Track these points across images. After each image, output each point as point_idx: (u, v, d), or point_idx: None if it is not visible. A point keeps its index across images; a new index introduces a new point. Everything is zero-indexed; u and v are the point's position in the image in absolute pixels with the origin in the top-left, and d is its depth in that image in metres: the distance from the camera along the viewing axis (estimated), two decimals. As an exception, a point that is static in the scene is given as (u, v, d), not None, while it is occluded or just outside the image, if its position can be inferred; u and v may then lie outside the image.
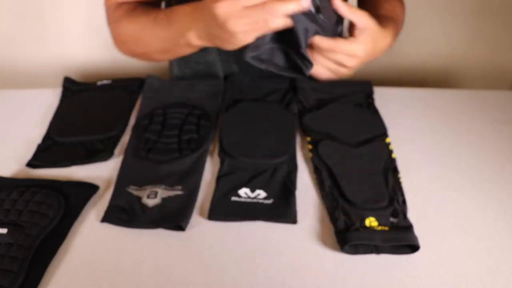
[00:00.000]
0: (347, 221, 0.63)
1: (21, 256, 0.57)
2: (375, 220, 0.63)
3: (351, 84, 0.96)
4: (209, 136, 0.80)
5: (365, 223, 0.62)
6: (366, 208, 0.65)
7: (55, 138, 0.80)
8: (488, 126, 0.85)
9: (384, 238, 0.60)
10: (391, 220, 0.63)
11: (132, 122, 0.86)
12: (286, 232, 0.64)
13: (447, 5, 1.34)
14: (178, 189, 0.69)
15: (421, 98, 0.94)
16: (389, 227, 0.62)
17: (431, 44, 1.42)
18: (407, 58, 1.45)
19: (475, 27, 1.38)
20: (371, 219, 0.63)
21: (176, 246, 0.62)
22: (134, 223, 0.64)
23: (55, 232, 0.62)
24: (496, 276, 0.59)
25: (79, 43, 1.43)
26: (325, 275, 0.59)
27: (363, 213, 0.64)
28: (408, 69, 1.47)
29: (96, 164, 0.76)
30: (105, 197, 0.70)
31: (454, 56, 1.44)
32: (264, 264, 0.60)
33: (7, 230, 0.60)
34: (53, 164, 0.75)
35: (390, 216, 0.64)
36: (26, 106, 0.92)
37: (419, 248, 0.60)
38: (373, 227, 0.62)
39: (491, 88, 1.01)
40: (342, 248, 0.60)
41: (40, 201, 0.65)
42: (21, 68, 1.48)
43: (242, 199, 0.67)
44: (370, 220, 0.63)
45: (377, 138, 0.79)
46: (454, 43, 1.41)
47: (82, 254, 0.61)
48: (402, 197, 0.68)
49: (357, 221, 0.63)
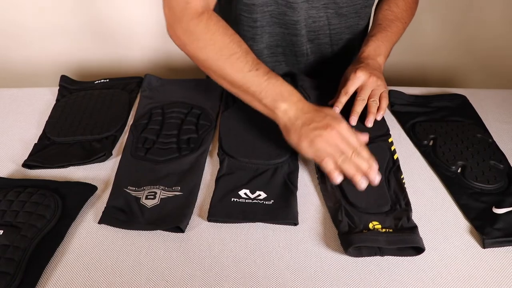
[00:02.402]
0: (350, 224, 0.62)
1: (17, 258, 0.56)
2: (379, 224, 0.62)
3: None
4: (208, 136, 0.79)
5: (369, 226, 0.62)
6: (369, 212, 0.64)
7: (52, 137, 0.79)
8: (489, 125, 0.85)
9: (388, 240, 0.59)
10: (395, 222, 0.63)
11: (130, 122, 0.85)
12: (287, 234, 0.64)
13: (448, 5, 1.33)
14: (177, 189, 0.68)
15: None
16: (393, 229, 0.62)
17: (432, 44, 1.41)
18: (409, 57, 1.44)
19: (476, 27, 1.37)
20: (374, 223, 0.62)
21: (175, 247, 0.61)
22: (133, 224, 0.64)
23: (52, 234, 0.61)
24: (500, 277, 0.58)
25: (76, 41, 1.42)
26: (326, 277, 0.58)
27: (366, 217, 0.63)
28: (409, 69, 1.47)
29: (94, 165, 0.75)
30: (103, 198, 0.69)
31: (456, 55, 1.44)
32: (264, 265, 0.59)
33: (3, 232, 0.59)
34: (50, 164, 0.74)
35: (393, 220, 0.63)
36: (22, 105, 0.91)
37: (424, 250, 0.60)
38: (377, 229, 0.61)
39: (492, 87, 1.01)
40: (346, 251, 0.59)
41: (37, 202, 0.64)
42: (18, 67, 1.47)
43: (242, 200, 0.67)
44: (373, 224, 0.62)
45: (379, 138, 0.79)
46: (456, 42, 1.41)
47: (80, 256, 0.60)
48: (405, 199, 0.67)
49: (360, 224, 0.62)
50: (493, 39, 1.39)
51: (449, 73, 1.48)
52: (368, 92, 0.81)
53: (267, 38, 0.92)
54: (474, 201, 0.68)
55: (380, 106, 0.81)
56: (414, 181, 0.72)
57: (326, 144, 0.67)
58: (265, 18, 0.88)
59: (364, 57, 0.84)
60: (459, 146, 0.78)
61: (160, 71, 1.47)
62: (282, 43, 0.93)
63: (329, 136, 0.67)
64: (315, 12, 0.88)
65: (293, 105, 0.70)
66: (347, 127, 0.68)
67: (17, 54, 1.44)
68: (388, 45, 0.87)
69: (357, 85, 0.81)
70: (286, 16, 0.87)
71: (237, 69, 0.72)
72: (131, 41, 1.44)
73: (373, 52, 0.85)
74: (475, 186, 0.70)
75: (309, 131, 0.68)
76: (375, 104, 0.81)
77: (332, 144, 0.67)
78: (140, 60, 1.48)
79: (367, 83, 0.80)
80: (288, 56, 0.96)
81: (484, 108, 0.91)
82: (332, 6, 0.88)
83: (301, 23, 0.88)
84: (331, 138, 0.67)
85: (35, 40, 1.41)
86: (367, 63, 0.83)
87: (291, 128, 0.70)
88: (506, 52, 1.41)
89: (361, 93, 0.80)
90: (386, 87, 0.83)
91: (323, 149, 0.67)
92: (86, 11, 1.37)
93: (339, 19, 0.91)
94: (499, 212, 0.66)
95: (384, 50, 0.86)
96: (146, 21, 1.39)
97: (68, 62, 1.44)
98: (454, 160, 0.75)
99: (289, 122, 0.70)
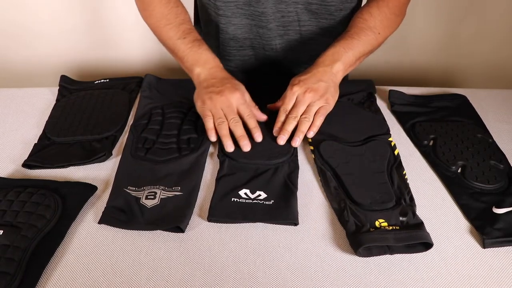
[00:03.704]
0: (357, 223, 0.62)
1: (17, 257, 0.56)
2: (385, 221, 0.62)
3: (352, 83, 0.95)
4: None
5: (375, 224, 0.62)
6: (374, 209, 0.64)
7: (52, 137, 0.79)
8: (489, 125, 0.85)
9: (397, 238, 0.59)
10: (401, 219, 0.63)
11: (130, 122, 0.85)
12: (287, 234, 0.64)
13: (448, 5, 1.33)
14: (177, 189, 0.68)
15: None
16: (399, 226, 0.62)
17: (433, 43, 1.41)
18: (409, 57, 1.44)
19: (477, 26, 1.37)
20: (381, 221, 0.62)
21: (175, 247, 0.61)
22: (133, 224, 0.63)
23: (52, 234, 0.61)
24: (500, 277, 0.58)
25: (76, 41, 1.42)
26: (326, 277, 0.58)
27: (371, 214, 0.63)
28: (410, 68, 1.47)
29: (94, 165, 0.75)
30: (103, 198, 0.69)
31: (456, 55, 1.44)
32: (264, 265, 0.59)
33: (3, 232, 0.59)
34: (50, 165, 0.74)
35: (399, 216, 0.63)
36: (22, 105, 0.91)
37: (433, 245, 0.60)
38: (384, 227, 0.61)
39: (493, 87, 1.01)
40: (356, 252, 0.59)
41: (37, 202, 0.64)
42: (18, 67, 1.47)
43: (242, 200, 0.67)
44: (379, 222, 0.62)
45: (379, 137, 0.79)
46: (456, 42, 1.41)
47: (80, 256, 0.60)
48: (409, 194, 0.67)
49: (367, 222, 0.62)
50: (493, 39, 1.39)
51: (449, 73, 1.47)
52: (302, 109, 0.78)
53: (233, 30, 0.92)
54: (474, 201, 0.68)
55: (313, 123, 0.78)
56: (414, 181, 0.72)
57: (212, 106, 0.77)
58: (229, 8, 0.88)
59: (319, 62, 0.81)
60: (459, 146, 0.78)
61: (160, 71, 1.47)
62: (249, 35, 0.93)
63: (218, 100, 0.77)
64: (284, 6, 0.87)
65: (206, 70, 0.82)
66: (239, 97, 0.78)
67: (17, 54, 1.44)
68: (351, 52, 0.81)
69: (293, 101, 0.79)
70: (251, 7, 0.87)
71: (169, 36, 0.85)
72: (131, 41, 1.44)
73: (330, 57, 0.81)
74: (475, 186, 0.70)
75: (206, 93, 0.79)
76: (307, 122, 0.77)
77: (217, 107, 0.77)
78: (140, 60, 1.48)
79: (302, 99, 0.78)
80: (257, 49, 0.96)
81: (484, 108, 0.90)
82: (302, 1, 0.87)
83: (269, 16, 0.88)
84: (218, 102, 0.77)
85: (35, 40, 1.41)
86: (315, 72, 0.79)
87: (197, 88, 0.82)
88: (507, 52, 1.41)
89: (293, 110, 0.78)
90: (327, 102, 0.78)
91: (209, 109, 0.78)
92: (86, 11, 1.37)
93: (309, 16, 0.89)
94: (499, 212, 0.65)
95: (345, 57, 0.81)
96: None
97: (68, 62, 1.44)
98: (454, 160, 0.75)
99: (197, 83, 0.82)
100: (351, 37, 0.83)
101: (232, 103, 0.77)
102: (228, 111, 0.77)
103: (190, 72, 0.83)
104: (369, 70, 1.41)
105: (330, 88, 0.79)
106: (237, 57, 0.97)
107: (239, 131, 0.76)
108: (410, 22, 1.25)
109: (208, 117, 0.77)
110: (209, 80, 0.80)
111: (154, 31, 0.89)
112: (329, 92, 0.79)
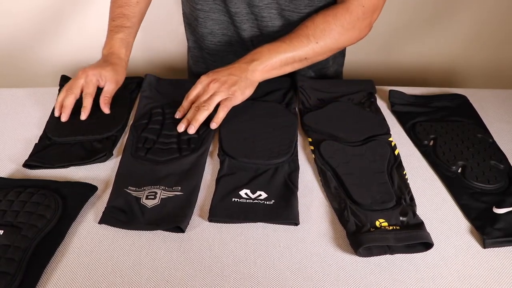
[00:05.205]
0: (357, 223, 0.62)
1: (17, 258, 0.56)
2: (385, 221, 0.62)
3: (352, 83, 0.95)
4: (209, 136, 0.79)
5: (376, 224, 0.62)
6: (375, 209, 0.64)
7: (52, 138, 0.79)
8: (489, 125, 0.85)
9: (397, 238, 0.59)
10: (401, 219, 0.63)
11: (130, 122, 0.85)
12: (287, 233, 0.64)
13: (448, 5, 1.33)
14: (177, 189, 0.68)
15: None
16: (400, 226, 0.62)
17: (433, 43, 1.41)
18: (409, 57, 1.44)
19: (477, 26, 1.37)
20: (381, 221, 0.62)
21: (175, 247, 0.61)
22: (133, 224, 0.63)
23: (53, 234, 0.61)
24: (500, 277, 0.58)
25: (76, 41, 1.42)
26: (326, 277, 0.58)
27: (372, 214, 0.63)
28: (410, 68, 1.47)
29: (94, 165, 0.75)
30: (103, 198, 0.69)
31: (456, 55, 1.44)
32: (264, 265, 0.59)
33: (3, 232, 0.59)
34: (50, 165, 0.74)
35: (399, 216, 0.63)
36: (22, 105, 0.91)
37: (433, 245, 0.60)
38: (384, 227, 0.61)
39: (493, 87, 1.01)
40: (356, 251, 0.59)
41: (37, 202, 0.64)
42: (18, 67, 1.47)
43: (243, 200, 0.67)
44: (380, 222, 0.62)
45: (380, 137, 0.79)
46: (456, 42, 1.41)
47: (80, 256, 0.60)
48: (409, 194, 0.68)
49: (367, 222, 0.62)
50: (493, 39, 1.39)
51: (449, 73, 1.47)
52: (204, 98, 0.78)
53: (211, 25, 0.94)
54: (474, 201, 0.68)
55: (216, 115, 0.77)
56: (415, 181, 0.72)
57: (71, 80, 0.84)
58: (207, 3, 0.90)
59: (240, 59, 0.82)
60: (459, 146, 0.78)
61: (160, 71, 1.47)
62: (227, 32, 0.95)
63: (78, 75, 0.83)
64: (257, 10, 0.88)
65: (105, 52, 0.89)
66: (86, 75, 0.83)
67: (17, 54, 1.44)
68: (276, 55, 0.81)
69: (198, 90, 0.80)
70: (226, 6, 0.89)
71: (110, 16, 0.93)
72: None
73: (251, 56, 0.81)
74: (475, 186, 0.70)
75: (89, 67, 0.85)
76: (205, 111, 0.77)
77: (73, 81, 0.83)
78: (140, 60, 1.48)
79: (207, 89, 0.78)
80: (235, 46, 0.97)
81: (484, 108, 0.91)
82: (275, 7, 0.87)
83: (242, 17, 0.90)
84: (77, 77, 0.83)
85: (35, 41, 1.41)
86: (230, 67, 0.81)
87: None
88: (507, 52, 1.41)
89: (197, 99, 0.79)
90: (233, 95, 0.78)
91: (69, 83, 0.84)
92: (86, 11, 1.37)
93: (282, 21, 0.90)
94: (499, 212, 0.66)
95: (266, 58, 0.80)
96: (146, 21, 1.39)
97: (68, 62, 1.44)
98: (455, 160, 0.75)
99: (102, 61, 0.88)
100: (282, 41, 0.83)
101: (81, 79, 0.82)
102: (75, 84, 0.82)
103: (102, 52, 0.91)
104: (369, 70, 1.42)
105: (241, 83, 0.79)
106: (216, 52, 0.99)
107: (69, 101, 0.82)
108: (410, 22, 1.25)
109: (63, 91, 0.83)
110: (98, 61, 0.87)
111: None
112: (237, 85, 0.78)
